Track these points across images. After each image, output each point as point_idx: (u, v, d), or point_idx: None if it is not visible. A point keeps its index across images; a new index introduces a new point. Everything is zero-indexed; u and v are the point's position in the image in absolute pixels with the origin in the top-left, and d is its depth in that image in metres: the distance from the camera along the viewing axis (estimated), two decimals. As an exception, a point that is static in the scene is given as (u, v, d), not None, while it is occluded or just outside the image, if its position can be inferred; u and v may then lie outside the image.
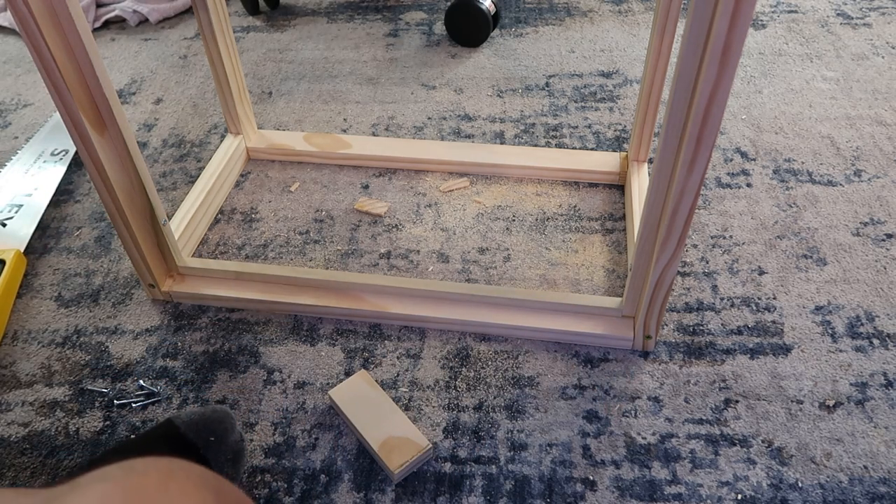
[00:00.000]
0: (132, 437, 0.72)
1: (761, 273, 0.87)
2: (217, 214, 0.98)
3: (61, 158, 1.06)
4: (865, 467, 0.68)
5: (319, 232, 0.95)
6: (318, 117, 1.16)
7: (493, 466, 0.69)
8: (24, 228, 0.94)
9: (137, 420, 0.74)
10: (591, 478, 0.68)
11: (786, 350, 0.78)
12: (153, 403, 0.76)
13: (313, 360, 0.79)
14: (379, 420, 0.71)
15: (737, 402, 0.74)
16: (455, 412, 0.74)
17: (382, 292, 0.83)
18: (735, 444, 0.70)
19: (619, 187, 1.00)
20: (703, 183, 0.63)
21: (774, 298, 0.84)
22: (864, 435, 0.70)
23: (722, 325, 0.81)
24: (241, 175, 1.05)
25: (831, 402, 0.73)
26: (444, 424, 0.73)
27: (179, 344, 0.81)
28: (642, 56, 1.28)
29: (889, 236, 0.91)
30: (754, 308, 0.83)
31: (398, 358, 0.79)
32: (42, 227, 0.97)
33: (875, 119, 1.10)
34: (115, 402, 0.76)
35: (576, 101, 1.17)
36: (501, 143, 1.09)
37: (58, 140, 1.10)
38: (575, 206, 0.97)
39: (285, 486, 0.68)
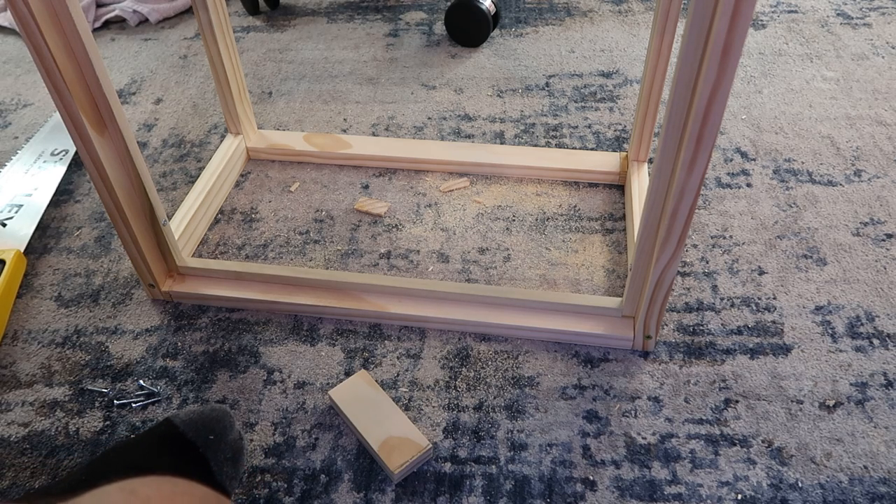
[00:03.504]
0: (131, 437, 0.72)
1: (761, 273, 0.87)
2: (217, 214, 0.98)
3: (61, 158, 1.06)
4: (865, 467, 0.68)
5: (319, 232, 0.95)
6: (318, 117, 1.16)
7: (493, 466, 0.69)
8: (24, 228, 0.94)
9: (137, 420, 0.74)
10: (591, 478, 0.68)
11: (786, 350, 0.78)
12: (153, 403, 0.76)
13: (313, 360, 0.79)
14: (379, 420, 0.71)
15: (737, 402, 0.74)
16: (455, 412, 0.74)
17: (382, 292, 0.83)
18: (735, 444, 0.70)
19: (619, 187, 1.00)
20: (703, 183, 0.63)
21: (774, 298, 0.84)
22: (864, 435, 0.70)
23: (722, 325, 0.81)
24: (241, 175, 1.05)
25: (831, 402, 0.73)
26: (444, 424, 0.73)
27: (179, 344, 0.81)
28: (642, 56, 1.28)
29: (889, 236, 0.91)
30: (754, 308, 0.83)
31: (398, 358, 0.79)
32: (42, 227, 0.97)
33: (875, 119, 1.10)
34: (115, 402, 0.76)
35: (576, 101, 1.17)
36: (501, 143, 1.09)
37: (58, 140, 1.10)
38: (575, 206, 0.97)
39: (285, 486, 0.68)
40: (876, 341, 0.79)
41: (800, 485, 0.67)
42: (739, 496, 0.66)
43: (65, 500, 0.33)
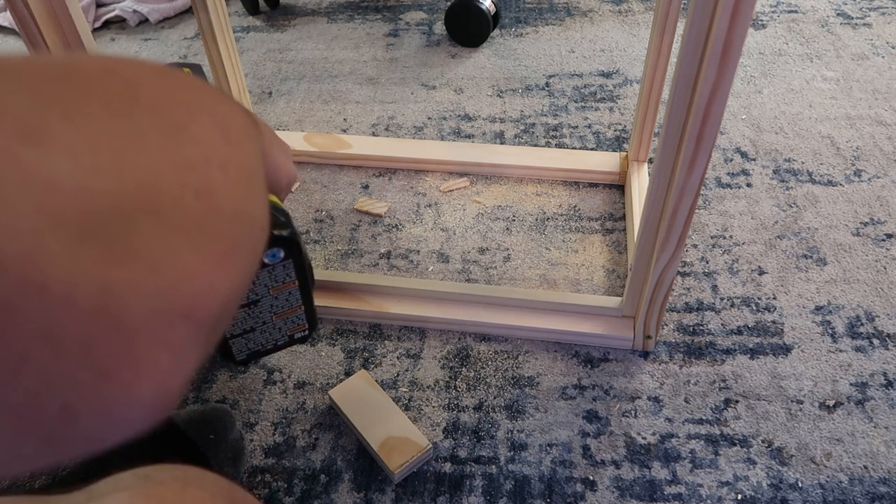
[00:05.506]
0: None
1: (761, 273, 0.87)
2: (217, 214, 0.98)
3: (61, 158, 1.06)
4: (865, 467, 0.68)
5: (319, 232, 0.95)
6: (318, 117, 1.16)
7: (493, 466, 0.69)
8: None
9: (137, 420, 0.74)
10: (591, 478, 0.68)
11: (786, 350, 0.78)
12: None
13: (313, 360, 0.79)
14: (379, 420, 0.71)
15: (737, 402, 0.74)
16: (455, 412, 0.74)
17: (382, 292, 0.83)
18: (735, 444, 0.70)
19: (619, 187, 1.00)
20: (703, 183, 0.63)
21: (774, 298, 0.84)
22: (864, 435, 0.70)
23: (722, 325, 0.81)
24: (241, 175, 1.04)
25: (831, 402, 0.73)
26: (444, 424, 0.73)
27: (179, 344, 0.81)
28: (642, 56, 1.28)
29: (889, 236, 0.91)
30: (754, 308, 0.83)
31: (398, 358, 0.79)
32: (42, 227, 0.97)
33: (875, 119, 1.10)
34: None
35: (576, 101, 1.17)
36: (501, 143, 1.09)
37: (58, 140, 1.10)
38: (575, 206, 0.97)
39: (285, 486, 0.68)
40: (876, 341, 0.79)
41: (800, 485, 0.67)
42: (739, 496, 0.66)
43: (79, 488, 0.34)
